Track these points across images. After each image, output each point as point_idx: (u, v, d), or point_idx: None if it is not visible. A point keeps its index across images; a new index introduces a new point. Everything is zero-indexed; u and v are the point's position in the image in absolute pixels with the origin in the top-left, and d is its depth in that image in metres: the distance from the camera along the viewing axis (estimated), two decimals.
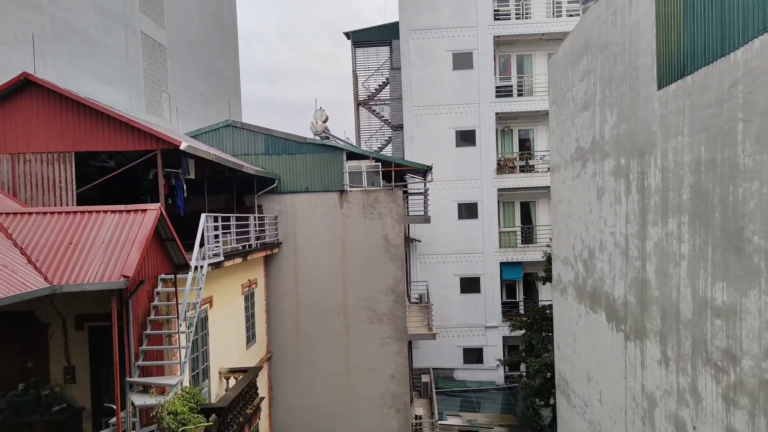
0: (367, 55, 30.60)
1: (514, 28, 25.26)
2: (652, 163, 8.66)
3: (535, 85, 25.85)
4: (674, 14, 7.62)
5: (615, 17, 9.82)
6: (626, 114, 9.64)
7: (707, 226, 7.01)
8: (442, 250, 25.62)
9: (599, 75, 10.94)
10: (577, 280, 13.17)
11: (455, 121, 25.53)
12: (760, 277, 5.85)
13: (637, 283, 9.39)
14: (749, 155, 6.05)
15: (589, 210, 12.05)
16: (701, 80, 6.99)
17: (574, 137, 13.06)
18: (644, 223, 9.08)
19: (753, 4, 5.83)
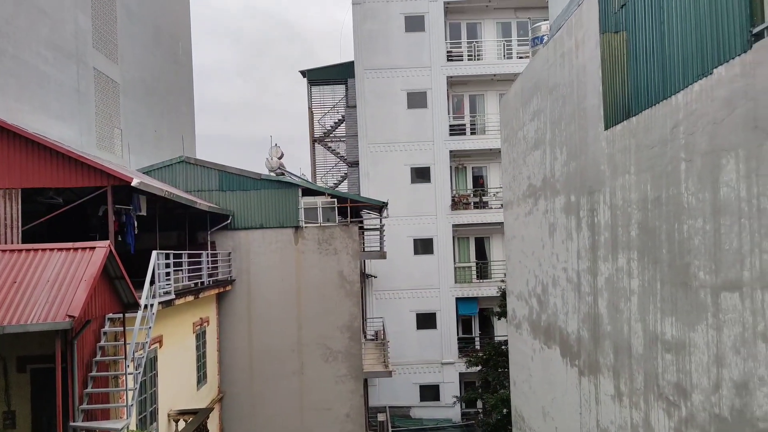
0: (323, 93, 30.95)
1: (466, 69, 26.08)
2: (602, 201, 8.94)
3: (487, 124, 26.60)
4: (618, 59, 8.01)
5: (563, 60, 10.26)
6: (575, 153, 9.97)
7: (655, 262, 7.23)
8: (399, 286, 25.56)
9: (549, 115, 11.34)
10: (532, 315, 13.32)
11: (410, 158, 25.89)
12: (707, 312, 6.03)
13: (590, 318, 9.56)
14: (692, 194, 6.32)
15: (542, 246, 12.29)
16: (645, 121, 7.32)
17: (525, 175, 13.40)
18: (595, 258, 9.31)
19: (691, 50, 6.19)
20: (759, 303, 5.21)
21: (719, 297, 5.85)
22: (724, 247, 5.74)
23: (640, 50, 7.36)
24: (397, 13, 26.03)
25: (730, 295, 5.66)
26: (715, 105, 5.76)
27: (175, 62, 26.21)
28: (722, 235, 5.75)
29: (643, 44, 7.27)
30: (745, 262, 5.40)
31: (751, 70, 5.16)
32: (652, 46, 7.03)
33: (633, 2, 7.42)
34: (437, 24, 25.99)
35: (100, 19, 19.08)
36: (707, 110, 5.90)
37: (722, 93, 5.62)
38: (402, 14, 26.04)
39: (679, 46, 6.43)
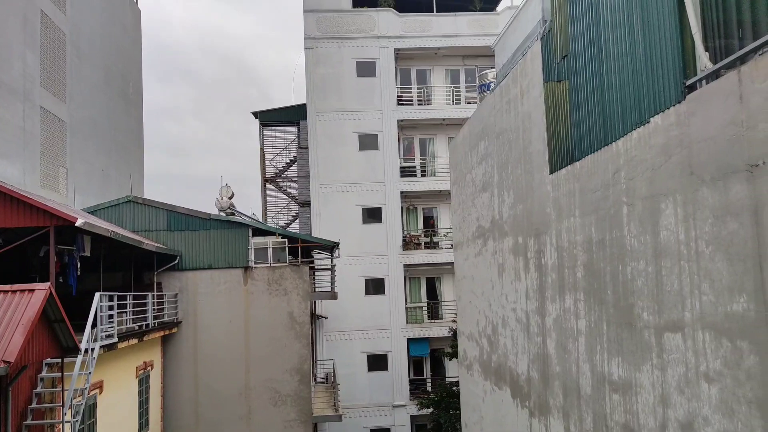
0: (275, 134, 31.02)
1: (416, 113, 26.71)
2: (548, 242, 9.15)
3: (437, 166, 27.13)
4: (561, 106, 8.35)
5: (509, 107, 10.63)
6: (522, 196, 10.23)
7: (601, 303, 7.39)
8: (350, 327, 25.21)
9: (496, 159, 11.65)
10: (482, 356, 13.33)
11: (362, 198, 26.00)
12: (651, 353, 6.17)
13: (539, 359, 9.63)
14: (634, 236, 6.54)
15: (492, 286, 12.42)
16: (588, 166, 7.61)
17: (474, 216, 13.63)
18: (543, 299, 9.45)
19: (630, 100, 6.52)
20: (700, 343, 5.37)
21: (663, 337, 6.00)
22: (665, 288, 5.92)
23: (581, 99, 7.70)
24: (348, 58, 26.57)
25: (672, 335, 5.82)
26: (653, 152, 6.04)
27: (125, 101, 25.97)
28: (663, 276, 5.95)
29: (584, 93, 7.61)
30: (686, 303, 5.58)
31: (686, 120, 5.46)
32: (593, 95, 7.38)
33: (574, 53, 7.81)
34: (388, 69, 26.64)
35: (49, 58, 18.70)
36: (646, 157, 6.18)
37: (659, 141, 5.91)
38: (354, 59, 26.60)
39: (618, 95, 6.76)
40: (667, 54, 5.73)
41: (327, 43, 26.58)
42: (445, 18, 27.03)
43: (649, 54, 6.06)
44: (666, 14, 5.70)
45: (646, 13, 6.10)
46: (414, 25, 26.92)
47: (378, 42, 26.70)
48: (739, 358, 4.84)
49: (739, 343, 4.84)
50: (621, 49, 6.64)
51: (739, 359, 4.85)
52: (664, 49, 5.76)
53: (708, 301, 5.25)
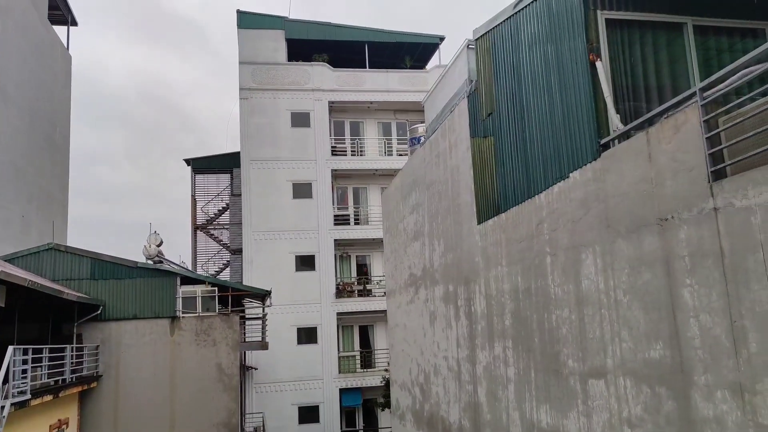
0: (208, 181, 30.49)
1: (349, 164, 27.07)
2: (477, 291, 9.34)
3: (370, 214, 27.37)
4: (488, 160, 8.71)
5: (438, 160, 10.97)
6: (452, 245, 10.45)
7: (529, 350, 7.56)
8: (281, 378, 24.37)
9: (427, 209, 11.90)
10: (415, 405, 13.20)
11: (295, 246, 25.70)
12: (577, 399, 6.33)
13: (471, 407, 9.65)
14: (558, 285, 6.79)
15: (424, 334, 12.44)
16: (513, 218, 7.91)
17: (407, 264, 13.75)
18: (473, 347, 9.56)
19: (550, 156, 6.90)
20: (622, 389, 5.57)
21: (587, 384, 6.18)
22: (588, 336, 6.15)
23: (506, 154, 8.07)
24: (283, 109, 26.78)
25: (596, 382, 6.01)
26: (573, 205, 6.37)
27: (50, 146, 24.98)
28: (586, 324, 6.18)
29: (509, 148, 7.99)
30: (608, 350, 5.80)
31: (601, 176, 5.83)
32: (517, 151, 7.76)
33: (499, 112, 8.23)
34: (322, 121, 27.03)
35: None
36: (566, 209, 6.51)
37: (578, 195, 6.25)
38: (288, 110, 26.83)
39: (540, 151, 7.14)
40: (582, 115, 6.15)
41: (262, 93, 26.72)
42: (378, 74, 27.94)
43: (567, 114, 6.47)
44: (580, 78, 6.16)
45: (562, 77, 6.56)
46: (347, 80, 27.62)
47: (312, 94, 27.13)
48: (659, 403, 5.06)
49: (658, 388, 5.06)
50: (541, 109, 7.06)
51: (659, 405, 5.06)
52: (580, 111, 6.18)
53: (628, 348, 5.49)
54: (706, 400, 4.44)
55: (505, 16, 7.84)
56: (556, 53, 6.61)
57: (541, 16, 6.98)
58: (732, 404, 4.19)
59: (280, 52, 27.42)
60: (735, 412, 4.16)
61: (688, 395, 4.63)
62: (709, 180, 4.29)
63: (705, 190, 4.33)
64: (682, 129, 4.56)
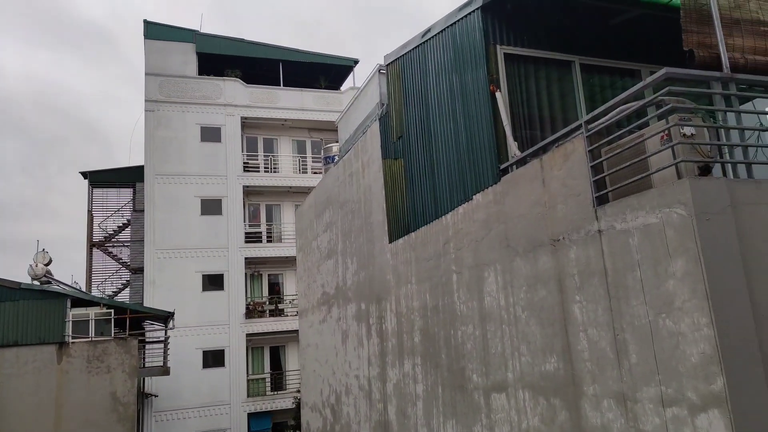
0: (108, 196, 28.73)
1: (262, 180, 26.62)
2: (388, 308, 9.48)
3: (284, 232, 27.00)
4: (398, 181, 8.94)
5: (351, 179, 11.10)
6: (365, 263, 10.57)
7: (437, 367, 7.76)
8: (184, 404, 23.21)
9: (340, 227, 11.97)
10: (326, 426, 13.06)
11: (203, 265, 24.78)
12: (481, 413, 6.57)
13: (381, 426, 9.71)
14: (463, 302, 7.06)
15: (336, 354, 12.40)
16: (422, 237, 8.15)
17: (320, 283, 13.70)
18: (384, 365, 9.66)
19: (456, 178, 7.21)
20: (521, 402, 5.86)
21: (490, 398, 6.44)
22: (491, 351, 6.42)
23: (415, 175, 8.33)
24: (192, 123, 25.96)
25: (498, 395, 6.28)
26: (476, 226, 6.68)
27: None
28: (489, 340, 6.46)
29: (418, 170, 8.26)
30: (508, 364, 6.09)
31: (501, 198, 6.17)
32: (425, 173, 8.03)
33: (408, 135, 8.50)
34: (234, 136, 26.46)
35: None
36: (470, 230, 6.81)
37: (481, 216, 6.57)
38: (198, 125, 26.03)
39: (446, 174, 7.44)
40: (484, 141, 6.50)
41: (170, 106, 25.76)
42: (293, 92, 27.85)
43: (470, 140, 6.81)
44: (482, 107, 6.52)
45: (466, 105, 6.90)
46: (261, 96, 27.30)
47: (224, 109, 26.53)
48: (553, 414, 5.36)
49: (553, 400, 5.38)
50: (447, 134, 7.38)
51: (553, 415, 5.36)
52: (482, 137, 6.53)
53: (526, 362, 5.79)
54: (595, 410, 4.78)
55: (414, 44, 8.16)
56: (460, 82, 6.96)
57: (446, 47, 7.33)
58: (617, 412, 4.54)
59: (190, 66, 26.65)
60: (619, 420, 4.51)
61: (579, 405, 4.96)
62: (593, 205, 4.68)
63: (590, 214, 4.72)
64: (570, 157, 4.95)
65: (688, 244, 3.78)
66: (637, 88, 4.35)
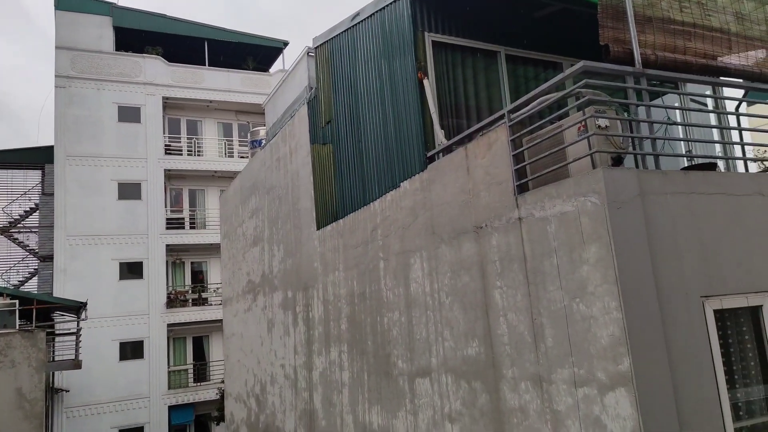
0: (13, 178, 26.65)
1: (185, 164, 25.58)
2: (315, 296, 9.39)
3: (208, 218, 26.13)
4: (327, 167, 8.83)
5: (279, 164, 10.86)
6: (292, 250, 10.40)
7: (363, 354, 7.77)
8: (99, 399, 22.12)
9: (267, 213, 11.71)
10: (250, 417, 12.84)
11: (120, 252, 23.59)
12: (405, 398, 6.65)
13: (306, 415, 9.65)
14: (390, 289, 7.09)
15: (261, 343, 12.18)
16: (351, 224, 8.10)
17: (245, 271, 13.37)
18: (310, 353, 9.58)
19: (384, 165, 7.20)
20: (444, 386, 5.97)
21: (414, 383, 6.52)
22: (416, 336, 6.50)
23: (344, 161, 8.25)
24: (109, 102, 24.50)
25: (422, 380, 6.37)
26: (403, 213, 6.70)
27: None
28: (414, 326, 6.53)
29: (346, 156, 8.18)
30: (432, 349, 6.18)
31: (428, 186, 6.21)
32: (354, 159, 7.97)
33: (337, 120, 8.39)
34: (155, 117, 25.22)
35: None
36: (398, 217, 6.83)
37: (408, 203, 6.60)
38: (115, 104, 24.61)
39: (374, 160, 7.42)
40: (411, 128, 6.51)
41: (84, 83, 24.16)
42: (219, 73, 26.86)
43: (398, 127, 6.81)
44: (410, 95, 6.52)
45: (394, 92, 6.89)
46: (184, 76, 26.13)
47: (144, 88, 25.20)
48: (474, 397, 5.50)
49: (474, 383, 5.51)
50: (376, 120, 7.34)
51: (474, 398, 5.50)
52: (410, 124, 6.54)
53: (449, 347, 5.90)
54: (513, 392, 4.93)
55: (344, 27, 8.04)
56: (389, 69, 6.93)
57: (375, 32, 7.27)
58: (533, 394, 4.70)
59: (106, 40, 25.09)
60: (535, 401, 4.68)
61: (498, 388, 5.11)
62: (515, 193, 4.80)
63: (512, 202, 4.84)
64: (493, 146, 5.04)
65: (600, 232, 3.95)
66: (556, 80, 4.48)
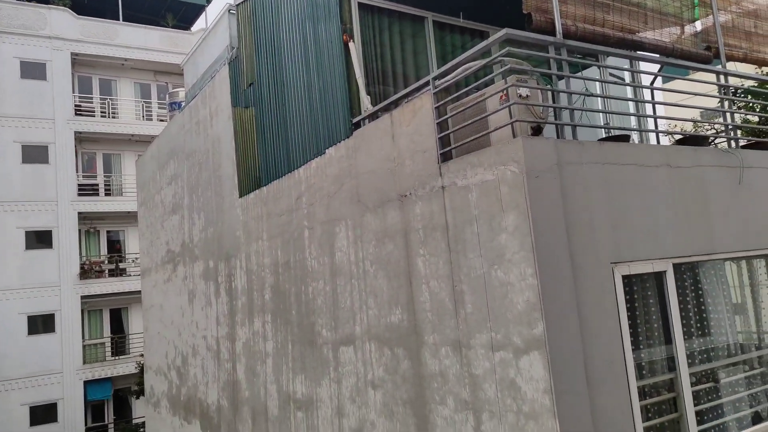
0: None
1: (99, 126, 23.99)
2: (238, 266, 9.14)
3: (125, 185, 24.79)
4: (250, 132, 8.51)
5: (198, 128, 10.36)
6: (213, 219, 10.04)
7: (287, 323, 7.68)
8: (6, 376, 20.86)
9: (187, 180, 11.21)
10: (171, 390, 12.51)
11: (26, 220, 21.99)
12: (329, 367, 6.64)
13: (229, 386, 9.49)
14: (315, 258, 6.99)
15: (182, 314, 11.80)
16: (275, 192, 7.88)
17: (164, 240, 12.83)
18: (233, 324, 9.37)
19: (309, 131, 7.01)
20: (368, 354, 5.99)
21: (339, 351, 6.52)
22: (340, 305, 6.46)
23: (267, 126, 7.97)
24: (9, 56, 22.41)
25: (346, 348, 6.37)
26: (328, 180, 6.58)
27: None
28: (338, 294, 6.49)
29: (270, 121, 7.90)
30: (356, 318, 6.18)
31: (353, 153, 6.10)
32: (278, 124, 7.71)
33: (260, 83, 8.06)
34: (63, 74, 23.35)
35: None
36: (323, 185, 6.70)
37: (333, 171, 6.47)
38: (17, 58, 22.55)
39: (299, 125, 7.21)
40: (337, 93, 6.35)
41: None
42: (135, 29, 25.13)
43: (323, 91, 6.62)
44: (335, 58, 6.33)
45: (319, 54, 6.67)
46: (96, 31, 24.26)
47: (50, 42, 23.20)
48: (397, 364, 5.56)
49: (396, 350, 5.56)
50: (300, 83, 7.10)
51: (397, 365, 5.56)
52: (335, 89, 6.37)
53: (373, 315, 5.91)
54: (434, 357, 5.02)
55: None
56: (314, 30, 6.69)
57: None
58: (453, 359, 4.80)
59: None
60: (455, 366, 4.78)
61: (420, 354, 5.18)
62: (438, 161, 4.79)
63: (435, 170, 4.83)
64: (418, 113, 4.99)
65: (518, 200, 4.02)
66: (480, 47, 4.45)
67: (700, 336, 5.32)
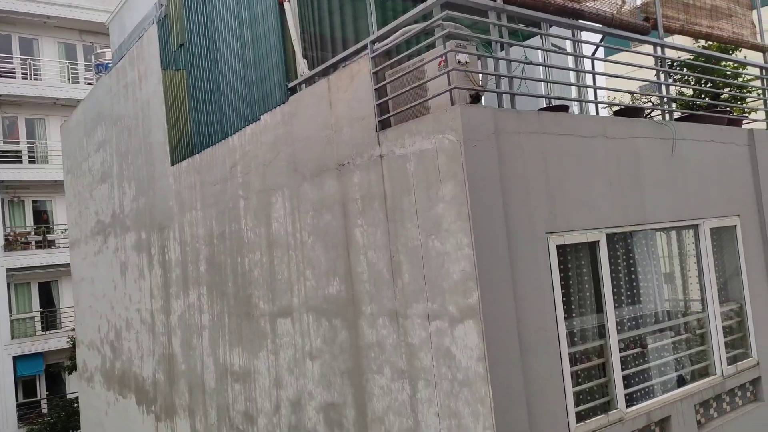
0: None
1: (20, 89, 22.35)
2: (172, 237, 8.78)
3: (51, 152, 23.34)
4: (181, 96, 8.06)
5: (126, 91, 9.76)
6: (144, 188, 9.56)
7: (223, 296, 7.45)
8: None
9: (115, 147, 10.60)
10: (105, 364, 12.06)
11: None
12: (267, 339, 6.50)
13: (165, 359, 9.21)
14: (251, 228, 6.76)
15: (114, 287, 11.31)
16: (208, 160, 7.54)
17: (93, 210, 12.17)
18: (168, 296, 9.04)
19: (243, 96, 6.69)
20: (305, 325, 5.88)
21: (276, 323, 6.38)
22: (277, 277, 6.30)
23: (199, 90, 7.56)
24: None
25: (284, 320, 6.24)
26: (264, 148, 6.32)
27: None
28: (276, 266, 6.31)
29: (202, 85, 7.50)
30: (294, 289, 6.04)
31: (289, 120, 5.87)
32: (210, 88, 7.32)
33: (191, 44, 7.60)
34: None
35: None
36: (258, 152, 6.43)
37: (269, 138, 6.22)
38: None
39: (232, 90, 6.86)
40: (272, 57, 6.05)
41: None
42: None
43: (258, 54, 6.30)
44: (270, 19, 6.01)
45: (253, 17, 6.32)
46: None
47: None
48: (334, 334, 5.48)
49: (334, 321, 5.48)
50: (233, 45, 6.74)
51: (334, 336, 5.49)
52: (270, 52, 6.07)
53: (311, 286, 5.79)
54: (371, 327, 4.96)
55: None
56: None
57: None
58: (390, 329, 4.76)
59: None
60: (392, 336, 4.74)
61: (358, 324, 5.12)
62: (376, 129, 4.65)
63: (373, 139, 4.69)
64: (356, 79, 4.81)
65: (456, 170, 3.94)
66: (418, 10, 4.30)
67: (630, 304, 5.50)
